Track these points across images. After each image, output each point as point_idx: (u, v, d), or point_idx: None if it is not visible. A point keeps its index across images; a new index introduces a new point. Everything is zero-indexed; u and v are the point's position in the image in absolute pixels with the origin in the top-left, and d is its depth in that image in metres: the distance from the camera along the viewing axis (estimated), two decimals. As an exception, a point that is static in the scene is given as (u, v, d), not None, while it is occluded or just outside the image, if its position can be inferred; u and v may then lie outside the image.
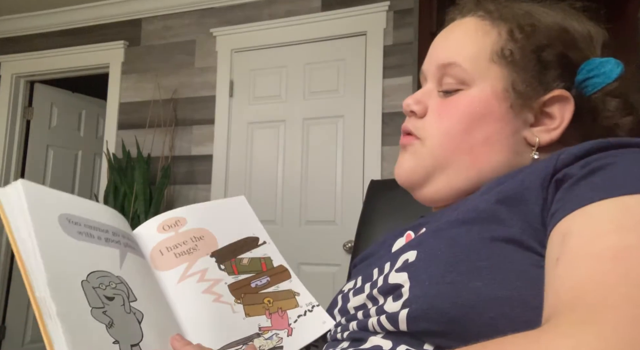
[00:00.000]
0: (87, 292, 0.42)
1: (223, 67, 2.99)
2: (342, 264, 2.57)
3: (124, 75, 3.23)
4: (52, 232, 0.44)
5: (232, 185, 2.89)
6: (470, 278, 0.43)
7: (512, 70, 0.56)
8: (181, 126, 3.04)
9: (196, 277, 0.53)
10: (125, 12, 3.25)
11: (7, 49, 3.54)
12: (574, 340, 0.29)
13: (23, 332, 3.41)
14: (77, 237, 0.45)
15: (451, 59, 0.58)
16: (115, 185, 2.80)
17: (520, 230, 0.45)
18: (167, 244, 0.55)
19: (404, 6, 2.64)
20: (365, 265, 0.64)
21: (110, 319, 0.42)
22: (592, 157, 0.45)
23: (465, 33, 0.59)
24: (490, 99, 0.56)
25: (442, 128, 0.58)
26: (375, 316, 0.49)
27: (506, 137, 0.56)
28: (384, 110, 2.60)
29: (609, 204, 0.39)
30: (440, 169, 0.58)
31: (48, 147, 3.67)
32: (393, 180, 0.67)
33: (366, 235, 0.98)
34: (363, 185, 2.60)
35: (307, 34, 2.82)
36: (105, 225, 0.50)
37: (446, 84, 0.59)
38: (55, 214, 0.45)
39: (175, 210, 0.59)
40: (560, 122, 0.56)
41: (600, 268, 0.35)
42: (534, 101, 0.56)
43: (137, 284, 0.48)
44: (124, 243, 0.50)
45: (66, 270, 0.42)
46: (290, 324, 0.54)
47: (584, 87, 0.56)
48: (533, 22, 0.57)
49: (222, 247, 0.58)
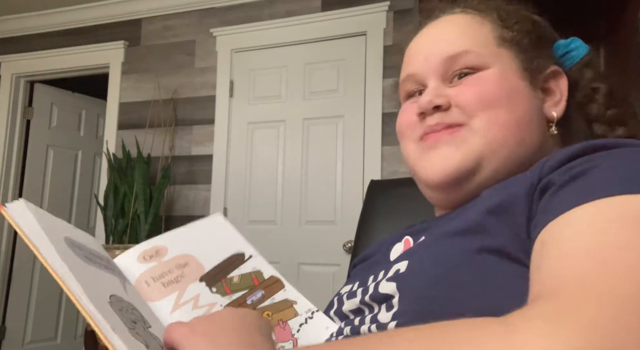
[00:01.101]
0: (117, 312, 0.40)
1: (223, 67, 2.99)
2: (342, 264, 2.57)
3: (124, 75, 3.23)
4: (69, 254, 0.41)
5: (232, 185, 2.89)
6: (454, 293, 0.43)
7: (518, 52, 0.58)
8: (181, 126, 3.04)
9: (190, 305, 0.52)
10: (125, 12, 3.25)
11: (7, 49, 3.54)
12: (548, 339, 0.28)
13: (23, 332, 3.41)
14: (85, 260, 0.44)
15: (462, 47, 0.57)
16: (115, 186, 2.80)
17: (508, 240, 0.45)
18: (152, 274, 0.53)
19: (404, 6, 2.64)
20: (364, 269, 0.64)
21: (145, 340, 0.40)
22: (574, 162, 0.45)
23: (460, 26, 0.60)
24: (513, 77, 0.57)
25: (487, 102, 0.55)
26: (368, 324, 0.49)
27: (537, 115, 0.58)
28: (384, 110, 2.60)
29: (587, 208, 0.39)
30: (492, 152, 0.55)
31: (48, 147, 3.67)
32: (393, 180, 0.67)
33: (366, 235, 0.98)
34: (363, 185, 2.60)
35: (307, 34, 2.82)
36: (99, 252, 0.48)
37: (458, 72, 0.58)
38: (61, 236, 0.43)
39: (152, 239, 0.57)
40: (560, 95, 0.59)
41: (576, 266, 0.34)
42: (539, 79, 0.59)
43: (144, 311, 0.46)
44: (117, 271, 0.49)
45: (93, 289, 0.40)
46: (293, 334, 0.53)
47: (564, 62, 0.61)
48: (515, 10, 0.61)
49: (209, 269, 0.56)
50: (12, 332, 3.36)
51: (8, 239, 3.40)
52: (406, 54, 0.64)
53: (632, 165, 0.41)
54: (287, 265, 2.67)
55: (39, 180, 3.60)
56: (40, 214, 0.43)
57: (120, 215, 2.75)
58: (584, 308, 0.29)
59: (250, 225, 2.81)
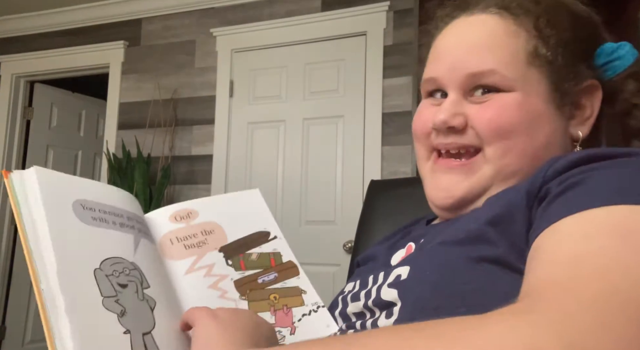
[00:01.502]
0: (100, 281, 0.42)
1: (223, 67, 2.99)
2: (342, 264, 2.57)
3: (124, 75, 3.23)
4: (66, 219, 0.43)
5: (232, 185, 2.89)
6: (455, 303, 0.43)
7: (551, 70, 0.54)
8: (181, 126, 3.04)
9: (203, 272, 0.54)
10: (125, 12, 3.25)
11: (7, 49, 3.54)
12: (507, 326, 0.29)
13: (23, 332, 3.41)
14: (91, 223, 0.45)
15: (487, 66, 0.53)
16: (116, 185, 2.80)
17: (507, 250, 0.45)
18: (177, 235, 0.55)
19: (404, 6, 2.64)
20: (365, 269, 0.64)
21: (123, 308, 0.42)
22: (571, 172, 0.45)
23: (491, 35, 0.55)
24: (537, 101, 0.53)
25: (503, 131, 0.53)
26: (370, 328, 0.50)
27: (561, 137, 0.55)
28: (384, 110, 2.60)
29: (576, 218, 0.39)
30: (502, 180, 0.54)
31: (48, 147, 3.67)
32: (393, 180, 0.67)
33: (366, 235, 0.98)
34: (363, 185, 2.60)
35: (307, 34, 2.82)
36: (120, 209, 0.50)
37: (481, 87, 0.54)
38: (69, 201, 0.45)
39: (188, 201, 0.59)
40: (591, 111, 0.55)
41: (554, 270, 0.35)
42: (572, 95, 0.55)
43: (150, 270, 0.48)
44: (137, 228, 0.50)
45: (79, 259, 0.42)
46: (294, 322, 0.54)
47: (605, 71, 0.55)
48: (558, 13, 0.55)
49: (231, 241, 0.58)
50: (12, 332, 3.36)
51: (8, 239, 3.40)
52: (432, 50, 0.60)
53: (625, 175, 0.42)
54: (287, 265, 2.67)
55: (39, 180, 3.60)
56: (51, 179, 0.45)
57: (120, 215, 2.75)
58: (546, 305, 0.31)
59: (250, 225, 2.80)
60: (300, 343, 0.38)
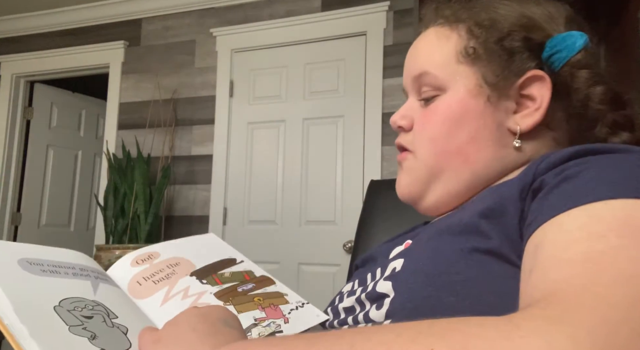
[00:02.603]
0: (62, 315, 0.41)
1: (223, 67, 2.99)
2: (342, 264, 2.57)
3: (124, 75, 3.23)
4: (14, 274, 0.43)
5: (232, 185, 2.89)
6: (446, 293, 0.43)
7: (480, 66, 0.57)
8: (181, 126, 3.04)
9: (179, 296, 0.53)
10: (125, 12, 3.25)
11: (7, 49, 3.54)
12: (546, 341, 0.28)
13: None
14: (40, 274, 0.45)
15: (422, 68, 0.60)
16: (115, 185, 2.80)
17: (500, 242, 0.45)
18: (143, 275, 0.55)
19: (404, 6, 2.64)
20: (364, 270, 0.64)
21: (92, 333, 0.41)
22: (567, 164, 0.45)
23: (428, 42, 0.62)
24: (465, 98, 0.57)
25: (428, 136, 0.59)
26: (363, 323, 0.50)
27: (490, 132, 0.57)
28: (384, 110, 2.60)
29: (579, 212, 0.39)
30: (435, 178, 0.60)
31: (48, 147, 3.67)
32: (393, 180, 0.67)
33: (366, 235, 0.98)
34: (363, 185, 2.60)
35: (307, 34, 2.82)
36: (70, 263, 0.49)
37: (424, 93, 0.61)
38: (14, 259, 0.45)
39: (146, 247, 0.59)
40: (540, 101, 0.56)
41: (572, 271, 0.35)
42: (510, 88, 0.56)
43: (116, 305, 0.47)
44: (94, 276, 0.50)
45: (33, 300, 0.41)
46: (285, 315, 0.54)
47: (552, 63, 0.56)
48: (490, 15, 0.58)
49: (200, 267, 0.58)
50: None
51: (8, 239, 3.40)
52: None
53: (624, 169, 0.41)
54: (287, 265, 2.67)
55: (39, 181, 3.60)
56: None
57: (120, 215, 2.75)
58: (581, 314, 0.30)
59: (250, 225, 2.81)
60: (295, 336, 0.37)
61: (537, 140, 0.57)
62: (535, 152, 0.57)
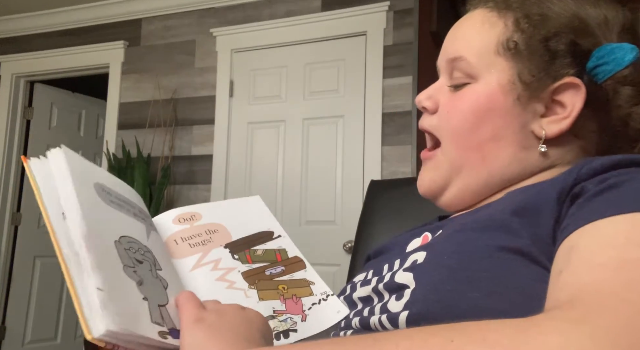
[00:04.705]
0: (120, 251, 0.43)
1: (223, 67, 2.99)
2: (342, 264, 2.57)
3: (124, 75, 3.23)
4: (90, 194, 0.45)
5: (232, 185, 2.89)
6: (470, 288, 0.43)
7: (518, 62, 0.54)
8: (181, 126, 3.04)
9: (210, 266, 0.54)
10: (125, 12, 3.25)
11: (7, 49, 3.54)
12: (564, 338, 0.28)
13: (23, 332, 3.41)
14: (109, 204, 0.47)
15: (458, 52, 0.58)
16: (115, 185, 2.80)
17: (530, 242, 0.44)
18: (182, 235, 0.57)
19: (404, 6, 2.64)
20: (378, 261, 0.64)
21: (140, 278, 0.42)
22: (610, 173, 0.44)
23: (472, 26, 0.59)
24: (495, 92, 0.55)
25: (451, 129, 0.58)
26: (378, 314, 0.49)
27: (513, 132, 0.55)
28: (384, 110, 2.60)
29: (619, 219, 0.38)
30: (456, 173, 0.58)
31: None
32: (393, 180, 0.67)
33: (366, 235, 0.98)
34: (363, 185, 2.60)
35: (307, 34, 2.82)
36: (132, 202, 0.51)
37: (455, 78, 0.58)
38: (91, 181, 0.46)
39: (191, 206, 0.61)
40: (570, 110, 0.53)
41: (602, 276, 0.34)
42: (543, 91, 0.54)
43: (161, 257, 0.49)
44: (148, 222, 0.52)
45: (102, 228, 0.43)
46: (304, 310, 0.54)
47: (595, 75, 0.53)
48: (542, 10, 0.55)
49: (236, 239, 0.59)
50: (12, 332, 3.36)
51: (8, 239, 3.40)
52: None
53: None
54: (287, 265, 2.67)
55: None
56: (75, 160, 0.47)
57: (120, 215, 2.75)
58: (605, 316, 0.30)
59: (250, 225, 2.80)
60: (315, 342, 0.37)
61: (562, 146, 0.55)
62: (560, 158, 0.56)
